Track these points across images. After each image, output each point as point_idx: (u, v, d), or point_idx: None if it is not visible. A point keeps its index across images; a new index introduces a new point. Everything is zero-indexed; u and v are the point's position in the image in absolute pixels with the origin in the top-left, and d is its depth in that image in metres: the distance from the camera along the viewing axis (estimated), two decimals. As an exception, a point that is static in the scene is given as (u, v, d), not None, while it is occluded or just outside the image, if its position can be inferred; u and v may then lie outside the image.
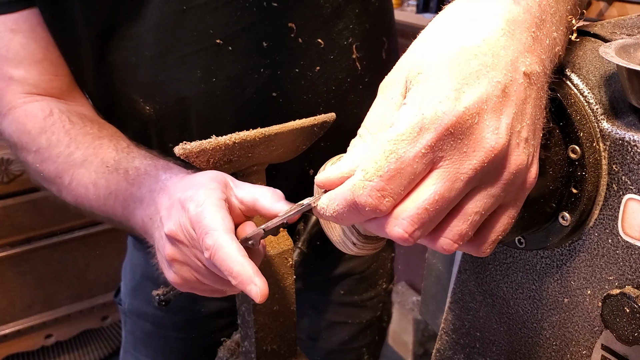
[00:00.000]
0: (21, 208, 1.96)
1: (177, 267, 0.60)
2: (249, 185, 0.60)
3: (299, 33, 0.82)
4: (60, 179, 0.75)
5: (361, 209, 0.41)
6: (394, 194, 0.40)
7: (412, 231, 0.40)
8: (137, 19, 0.78)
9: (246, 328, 0.76)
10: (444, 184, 0.40)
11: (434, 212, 0.40)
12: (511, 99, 0.41)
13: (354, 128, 0.93)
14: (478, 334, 0.66)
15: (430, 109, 0.39)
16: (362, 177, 0.40)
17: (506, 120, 0.40)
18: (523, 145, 0.41)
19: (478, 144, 0.39)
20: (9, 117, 0.80)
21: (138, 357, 1.12)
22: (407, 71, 0.43)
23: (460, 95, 0.39)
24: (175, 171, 0.66)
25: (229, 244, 0.53)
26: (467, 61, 0.40)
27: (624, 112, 0.49)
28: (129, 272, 1.11)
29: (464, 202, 0.42)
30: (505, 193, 0.42)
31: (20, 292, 2.07)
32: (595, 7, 1.41)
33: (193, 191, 0.57)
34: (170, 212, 0.58)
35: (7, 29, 0.79)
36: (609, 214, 0.50)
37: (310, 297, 1.09)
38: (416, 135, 0.39)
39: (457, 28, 0.43)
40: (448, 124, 0.39)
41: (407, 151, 0.39)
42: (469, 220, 0.42)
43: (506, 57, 0.41)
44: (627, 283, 0.49)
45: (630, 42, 0.48)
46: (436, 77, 0.40)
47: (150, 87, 0.82)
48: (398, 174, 0.39)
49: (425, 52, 0.42)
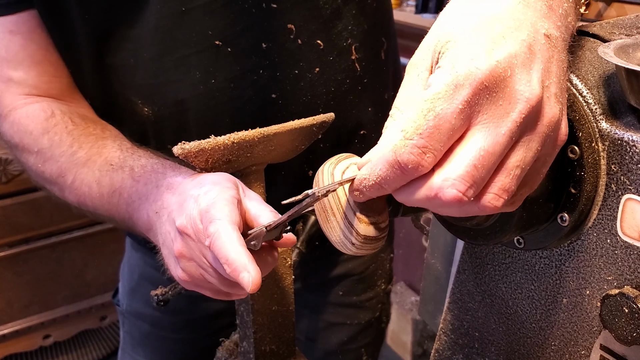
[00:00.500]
0: (19, 208, 1.96)
1: (184, 262, 0.59)
2: (256, 199, 0.60)
3: (298, 34, 0.82)
4: (62, 178, 0.75)
5: (404, 168, 0.41)
6: (434, 149, 0.41)
7: (465, 189, 0.41)
8: (136, 20, 0.77)
9: (245, 328, 0.76)
10: (487, 139, 0.41)
11: (483, 168, 0.41)
12: (537, 55, 0.42)
13: (353, 129, 0.94)
14: (477, 334, 0.66)
15: (464, 67, 0.40)
16: (403, 137, 0.41)
17: (536, 74, 0.41)
18: (554, 99, 0.43)
19: (513, 96, 0.41)
20: (9, 119, 0.80)
21: (136, 357, 1.11)
22: (433, 45, 0.44)
23: (491, 53, 0.40)
24: (183, 171, 0.66)
25: (229, 232, 0.53)
26: (492, 25, 0.42)
27: (623, 112, 0.49)
28: (127, 272, 1.10)
29: (506, 156, 0.42)
30: (542, 147, 0.43)
31: (19, 293, 2.07)
32: (594, 7, 1.41)
33: (209, 187, 0.58)
34: (181, 207, 0.58)
35: (6, 30, 0.79)
36: (608, 214, 0.50)
37: (308, 298, 1.09)
38: (452, 92, 0.40)
39: (475, 3, 0.45)
40: (482, 78, 0.40)
41: (445, 108, 0.40)
42: (511, 174, 0.42)
43: (526, 21, 0.43)
44: (626, 283, 0.49)
45: (629, 42, 0.48)
46: (465, 41, 0.42)
47: (149, 89, 0.82)
48: (437, 130, 0.40)
49: (450, 25, 0.44)
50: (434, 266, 0.74)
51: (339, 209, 0.50)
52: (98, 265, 2.18)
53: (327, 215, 0.51)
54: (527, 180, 0.45)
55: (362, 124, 0.94)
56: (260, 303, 0.74)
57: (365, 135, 0.95)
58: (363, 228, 0.49)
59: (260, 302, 0.74)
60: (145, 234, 0.68)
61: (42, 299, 2.12)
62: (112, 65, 0.81)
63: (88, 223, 2.10)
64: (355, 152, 0.55)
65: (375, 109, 0.95)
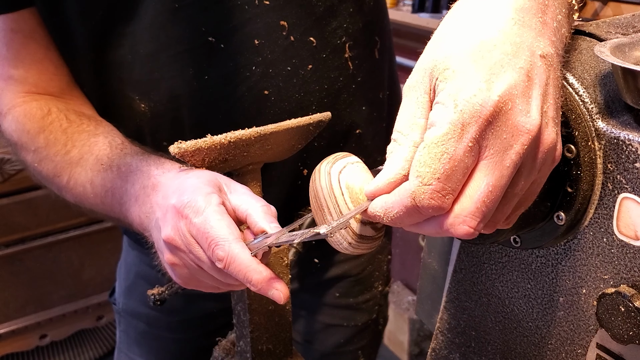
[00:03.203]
0: (16, 208, 1.95)
1: (178, 270, 0.60)
2: (244, 193, 0.60)
3: (290, 31, 0.82)
4: (58, 178, 0.76)
5: (423, 211, 0.43)
6: (452, 190, 0.42)
7: (476, 225, 0.42)
8: (133, 17, 0.78)
9: (241, 327, 0.76)
10: (494, 174, 0.42)
11: (491, 202, 0.42)
12: (535, 82, 0.43)
13: (347, 127, 0.94)
14: (473, 333, 0.66)
15: (467, 104, 0.41)
16: (420, 183, 0.42)
17: (535, 102, 0.42)
18: (551, 124, 0.44)
19: (515, 128, 0.41)
20: (9, 117, 0.80)
21: (132, 357, 1.11)
22: (430, 69, 0.44)
23: (491, 86, 0.41)
24: (167, 167, 0.66)
25: (243, 254, 0.54)
26: (489, 52, 0.42)
27: (619, 112, 0.49)
28: (123, 271, 1.10)
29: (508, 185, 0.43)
30: (539, 172, 0.44)
31: (15, 292, 2.06)
32: (590, 7, 1.41)
33: (189, 196, 0.57)
34: (165, 217, 0.59)
35: (7, 28, 0.79)
36: (604, 213, 0.50)
37: (305, 299, 1.09)
38: (460, 131, 0.41)
39: (471, 23, 0.45)
40: (487, 114, 0.41)
41: (457, 149, 0.41)
42: (511, 202, 0.44)
43: (523, 44, 0.43)
44: (622, 282, 0.49)
45: (625, 42, 0.49)
46: (463, 72, 0.42)
47: (145, 85, 0.82)
48: (453, 172, 0.41)
49: (446, 49, 0.44)
50: (430, 265, 0.74)
51: (336, 208, 0.49)
52: (94, 265, 2.17)
53: (323, 214, 0.51)
54: (523, 201, 0.46)
55: (357, 123, 0.94)
56: (257, 302, 0.74)
57: (360, 135, 0.94)
58: (359, 227, 0.49)
59: (257, 302, 0.74)
60: (142, 233, 0.68)
61: (39, 298, 2.11)
62: (110, 62, 0.82)
63: (84, 223, 2.10)
64: (350, 151, 0.55)
65: (370, 108, 0.95)
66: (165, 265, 0.62)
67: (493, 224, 0.45)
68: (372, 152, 0.97)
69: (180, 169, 0.64)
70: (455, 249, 0.66)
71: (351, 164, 0.50)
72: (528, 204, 0.47)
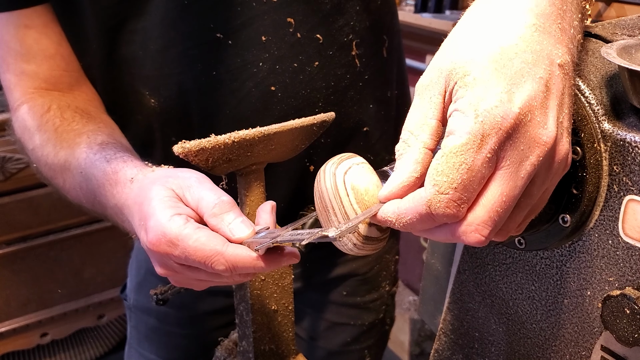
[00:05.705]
0: (17, 206, 1.95)
1: (172, 278, 0.62)
2: (208, 189, 0.57)
3: (297, 28, 0.83)
4: (55, 180, 0.77)
5: (438, 219, 0.43)
6: (468, 200, 0.42)
7: (487, 234, 0.43)
8: (144, 13, 0.79)
9: (244, 327, 0.76)
10: (509, 185, 0.42)
11: (504, 212, 0.42)
12: (552, 92, 0.43)
13: (354, 125, 0.94)
14: (477, 334, 0.66)
15: (488, 115, 0.41)
16: (437, 192, 0.42)
17: (552, 114, 0.42)
18: (565, 134, 0.44)
19: (532, 140, 0.41)
20: (17, 113, 0.82)
21: (142, 352, 1.12)
22: (447, 71, 0.44)
23: (512, 97, 0.41)
24: (128, 173, 0.64)
25: (241, 255, 0.54)
26: (510, 61, 0.42)
27: (625, 113, 0.49)
28: (134, 268, 1.11)
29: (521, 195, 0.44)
30: (551, 181, 0.45)
31: (16, 291, 2.06)
32: (594, 7, 1.41)
33: (155, 231, 0.55)
34: (147, 249, 0.58)
35: (21, 24, 0.80)
36: (610, 215, 0.49)
37: (312, 297, 1.09)
38: (480, 142, 0.41)
39: (490, 26, 0.45)
40: (507, 127, 0.41)
41: (475, 159, 0.41)
42: (523, 210, 0.45)
43: (542, 52, 0.43)
44: (628, 284, 0.49)
45: (631, 43, 0.48)
46: (485, 80, 0.42)
47: (155, 80, 0.83)
48: (470, 182, 0.41)
49: (466, 53, 0.44)
50: (433, 266, 0.73)
51: (341, 209, 0.49)
52: (96, 264, 2.17)
53: (328, 214, 0.50)
54: (534, 208, 0.46)
55: (364, 121, 0.94)
56: (260, 302, 0.74)
57: (368, 132, 0.95)
58: (364, 228, 0.49)
59: (259, 302, 0.74)
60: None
61: (40, 297, 2.11)
62: (121, 58, 0.83)
63: (86, 221, 2.10)
64: (357, 148, 0.55)
65: (377, 107, 0.95)
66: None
67: (505, 232, 0.45)
68: (379, 150, 0.98)
69: (131, 181, 0.63)
70: (459, 250, 0.66)
71: (357, 165, 0.50)
72: (538, 211, 0.47)
